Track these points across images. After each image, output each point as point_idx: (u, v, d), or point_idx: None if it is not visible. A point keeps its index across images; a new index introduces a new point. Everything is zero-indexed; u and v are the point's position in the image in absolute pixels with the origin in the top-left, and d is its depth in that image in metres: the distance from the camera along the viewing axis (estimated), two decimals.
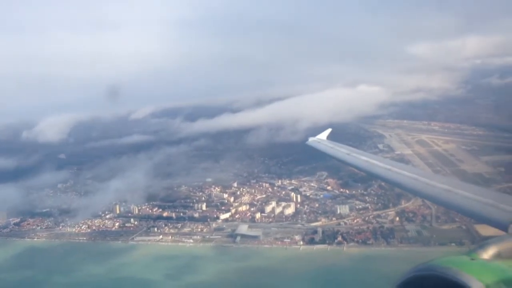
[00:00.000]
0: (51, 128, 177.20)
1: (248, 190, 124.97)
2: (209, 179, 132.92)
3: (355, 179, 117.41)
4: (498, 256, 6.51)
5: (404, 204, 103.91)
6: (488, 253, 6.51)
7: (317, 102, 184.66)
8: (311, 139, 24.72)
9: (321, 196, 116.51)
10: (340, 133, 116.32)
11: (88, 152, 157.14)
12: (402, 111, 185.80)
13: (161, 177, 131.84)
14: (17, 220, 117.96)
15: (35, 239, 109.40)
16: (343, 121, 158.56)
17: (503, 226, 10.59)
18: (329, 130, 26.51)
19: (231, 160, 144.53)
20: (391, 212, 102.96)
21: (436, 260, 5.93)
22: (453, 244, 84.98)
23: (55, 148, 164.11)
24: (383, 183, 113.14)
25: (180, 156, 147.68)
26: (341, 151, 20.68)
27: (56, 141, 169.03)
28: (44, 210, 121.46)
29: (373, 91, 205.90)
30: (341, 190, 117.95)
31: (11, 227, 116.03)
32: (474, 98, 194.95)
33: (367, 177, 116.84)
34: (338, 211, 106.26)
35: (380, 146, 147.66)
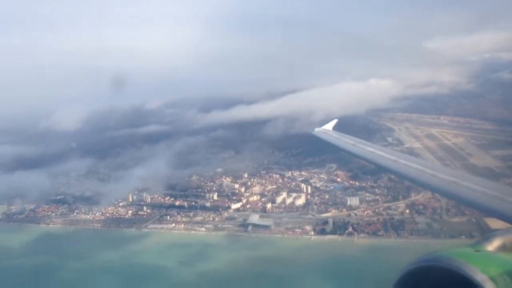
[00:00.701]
0: (68, 117, 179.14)
1: (258, 180, 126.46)
2: (219, 169, 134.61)
3: (364, 171, 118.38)
4: (503, 248, 6.49)
5: (414, 197, 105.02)
6: (493, 245, 6.50)
7: (329, 95, 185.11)
8: (317, 129, 24.70)
9: (331, 187, 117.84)
10: (349, 126, 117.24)
11: (105, 142, 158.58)
12: (412, 105, 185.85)
13: (174, 167, 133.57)
14: (32, 206, 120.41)
15: (50, 225, 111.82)
16: (354, 114, 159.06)
17: (509, 219, 10.78)
18: (335, 120, 26.36)
19: (242, 151, 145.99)
20: (401, 204, 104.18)
21: (440, 252, 5.93)
22: (463, 236, 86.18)
23: (72, 137, 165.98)
24: (392, 176, 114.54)
25: (194, 146, 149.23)
26: (347, 141, 20.73)
27: (73, 130, 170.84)
28: (59, 197, 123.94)
29: (384, 84, 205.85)
30: (351, 182, 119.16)
31: (26, 213, 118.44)
32: (484, 93, 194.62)
33: (377, 170, 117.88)
34: (348, 203, 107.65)
35: (389, 139, 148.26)
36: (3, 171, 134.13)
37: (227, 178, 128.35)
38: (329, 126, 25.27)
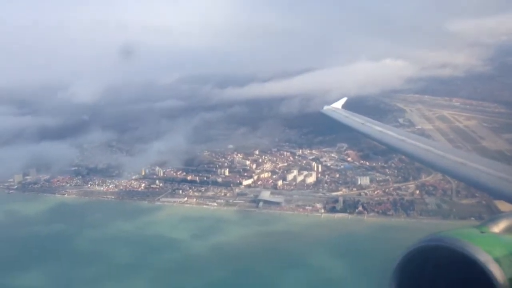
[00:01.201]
0: (84, 90, 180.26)
1: (269, 158, 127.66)
2: (231, 146, 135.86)
3: (375, 151, 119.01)
4: (508, 230, 6.49)
5: (424, 178, 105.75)
6: (498, 227, 6.49)
7: (344, 75, 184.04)
8: (326, 107, 24.46)
9: (342, 166, 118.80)
10: (360, 106, 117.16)
11: (121, 116, 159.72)
12: (426, 87, 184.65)
13: (189, 142, 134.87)
14: (47, 176, 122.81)
15: (65, 196, 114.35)
16: (366, 94, 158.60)
17: None
18: (345, 99, 26.04)
19: (254, 128, 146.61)
20: (411, 185, 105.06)
21: (445, 232, 5.91)
22: (472, 218, 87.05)
23: (89, 110, 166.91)
24: (403, 157, 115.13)
25: (209, 122, 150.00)
26: (355, 120, 20.57)
27: (90, 103, 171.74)
28: (73, 168, 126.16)
29: (399, 65, 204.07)
30: (361, 162, 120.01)
31: (41, 183, 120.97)
32: (498, 76, 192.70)
33: (387, 150, 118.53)
34: (359, 182, 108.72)
35: (401, 120, 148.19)
36: (27, 142, 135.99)
37: (239, 155, 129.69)
38: (338, 104, 25.11)
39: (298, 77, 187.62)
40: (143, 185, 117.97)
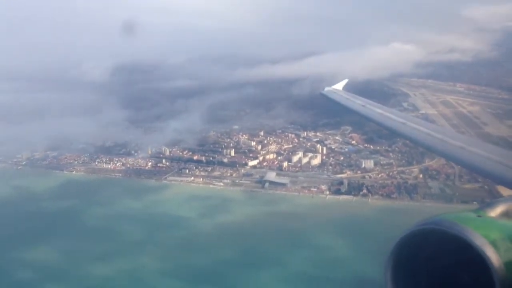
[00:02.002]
0: (95, 69, 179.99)
1: (274, 139, 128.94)
2: (236, 127, 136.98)
3: (379, 135, 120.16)
4: (506, 215, 6.47)
5: (427, 162, 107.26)
6: (495, 212, 6.48)
7: (351, 59, 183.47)
8: (327, 88, 23.95)
9: (346, 149, 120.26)
10: (363, 90, 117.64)
11: (132, 95, 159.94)
12: (431, 71, 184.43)
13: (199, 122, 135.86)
14: (55, 153, 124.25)
15: (73, 172, 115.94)
16: (369, 78, 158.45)
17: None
18: (346, 80, 25.66)
19: (258, 109, 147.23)
20: (415, 169, 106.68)
21: (441, 215, 5.88)
22: (474, 202, 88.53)
23: (100, 88, 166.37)
24: (407, 141, 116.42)
25: (219, 103, 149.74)
26: (356, 102, 20.38)
27: (101, 81, 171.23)
28: (81, 146, 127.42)
29: (407, 49, 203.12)
30: (366, 145, 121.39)
31: (49, 159, 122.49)
32: (503, 61, 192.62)
33: (391, 134, 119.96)
34: (363, 165, 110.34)
35: (405, 104, 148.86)
36: (42, 118, 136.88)
37: (244, 136, 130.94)
38: (340, 86, 24.64)
39: (308, 60, 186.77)
40: (149, 163, 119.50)
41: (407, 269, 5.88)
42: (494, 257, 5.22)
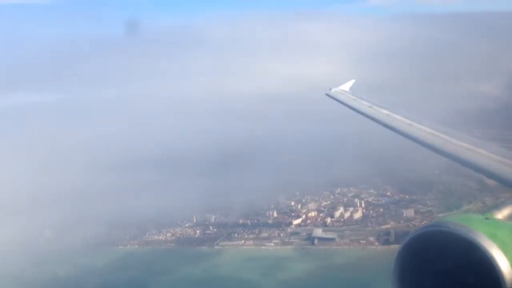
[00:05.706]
0: None
1: (311, 197, 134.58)
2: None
3: (413, 184, 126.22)
4: None
5: (466, 206, 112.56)
6: (503, 214, 6.54)
7: None
8: (333, 89, 23.38)
9: (383, 201, 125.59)
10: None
11: None
12: None
13: None
14: (106, 230, 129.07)
15: (127, 246, 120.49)
16: None
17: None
18: (353, 81, 25.16)
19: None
20: (455, 214, 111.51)
21: (449, 218, 6.04)
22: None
23: None
24: (441, 188, 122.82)
25: None
26: (362, 103, 20.11)
27: None
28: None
29: None
30: (401, 195, 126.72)
31: (101, 236, 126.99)
32: None
33: (425, 182, 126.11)
34: (404, 214, 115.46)
35: None
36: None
37: (282, 196, 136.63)
38: (346, 86, 24.17)
39: None
40: (198, 231, 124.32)
41: (414, 271, 6.07)
42: (501, 259, 5.24)
